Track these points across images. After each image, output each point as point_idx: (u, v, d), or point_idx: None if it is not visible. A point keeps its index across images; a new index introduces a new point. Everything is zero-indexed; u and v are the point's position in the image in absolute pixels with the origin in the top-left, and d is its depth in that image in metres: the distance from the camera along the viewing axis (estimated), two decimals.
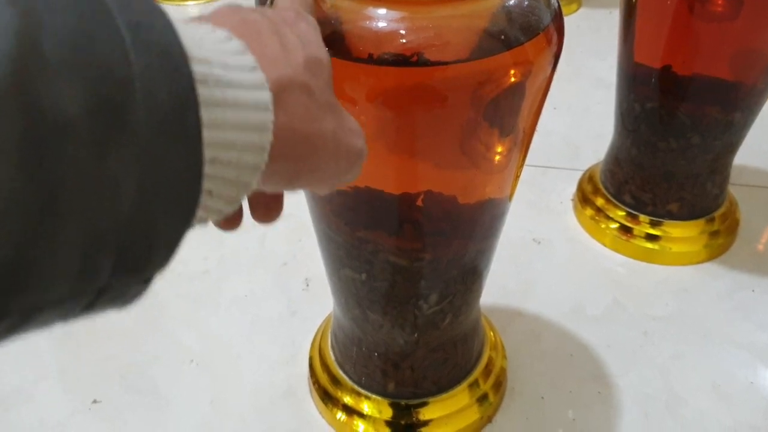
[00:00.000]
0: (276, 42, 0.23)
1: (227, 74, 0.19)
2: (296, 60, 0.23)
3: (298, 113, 0.22)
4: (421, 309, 0.39)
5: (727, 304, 0.54)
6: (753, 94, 0.51)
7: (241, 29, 0.22)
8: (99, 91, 0.15)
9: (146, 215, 0.17)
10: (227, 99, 0.19)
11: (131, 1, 0.17)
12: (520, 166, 0.37)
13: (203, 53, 0.19)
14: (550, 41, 0.31)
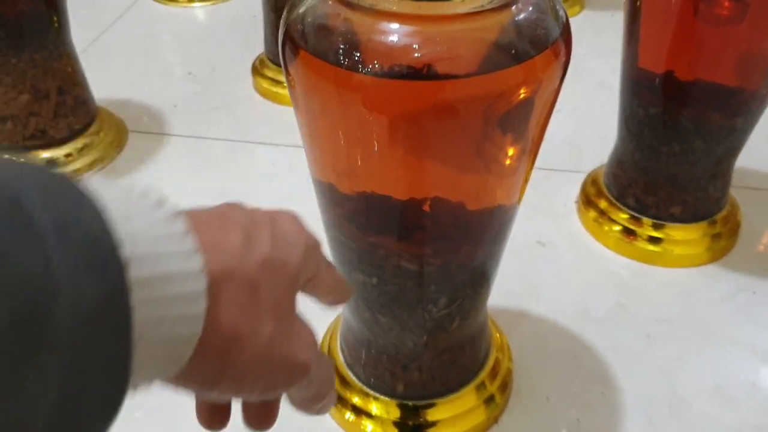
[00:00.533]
0: (238, 235, 0.22)
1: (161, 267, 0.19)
2: (254, 257, 0.22)
3: (231, 310, 0.21)
4: (431, 312, 0.40)
5: (729, 306, 0.55)
6: (755, 99, 0.52)
7: (211, 218, 0.22)
8: (14, 307, 0.15)
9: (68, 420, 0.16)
10: (157, 295, 0.19)
11: (57, 197, 0.17)
12: (528, 173, 0.37)
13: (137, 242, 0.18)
14: (558, 54, 0.32)
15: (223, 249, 0.22)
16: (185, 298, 0.20)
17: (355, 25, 0.31)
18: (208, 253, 0.21)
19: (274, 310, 0.23)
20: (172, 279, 0.19)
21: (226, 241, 0.22)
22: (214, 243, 0.21)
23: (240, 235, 0.23)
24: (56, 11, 0.65)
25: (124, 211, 0.18)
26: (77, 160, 0.70)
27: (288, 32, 0.32)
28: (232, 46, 0.91)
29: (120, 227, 0.18)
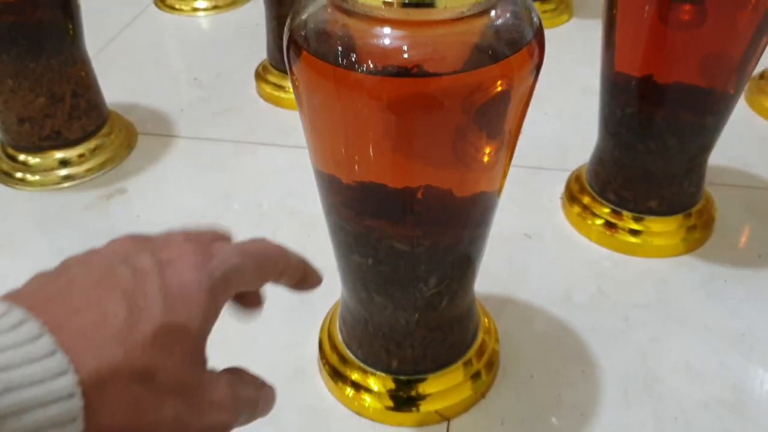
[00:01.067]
0: (121, 312, 0.20)
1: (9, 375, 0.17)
2: (140, 335, 0.19)
3: (122, 410, 0.19)
4: (422, 291, 0.44)
5: (701, 293, 0.59)
6: (723, 99, 0.56)
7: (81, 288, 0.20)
8: None
9: None
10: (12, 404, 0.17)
11: None
12: (507, 164, 0.41)
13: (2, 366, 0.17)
14: (532, 54, 0.36)
15: (101, 338, 0.19)
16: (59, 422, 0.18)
17: (352, 29, 0.35)
18: (82, 352, 0.18)
19: (177, 389, 0.20)
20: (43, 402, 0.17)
21: (103, 325, 0.19)
22: (90, 333, 0.19)
23: (121, 308, 0.20)
24: (72, 20, 0.69)
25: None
26: (89, 160, 0.74)
27: (292, 36, 0.36)
28: (236, 53, 0.95)
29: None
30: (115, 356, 0.19)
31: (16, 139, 0.72)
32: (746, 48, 0.52)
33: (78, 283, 0.20)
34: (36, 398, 0.17)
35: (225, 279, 0.23)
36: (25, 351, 0.18)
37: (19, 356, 0.18)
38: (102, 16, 1.03)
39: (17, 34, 0.64)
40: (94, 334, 0.19)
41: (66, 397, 0.18)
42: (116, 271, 0.21)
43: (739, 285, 0.60)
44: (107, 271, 0.21)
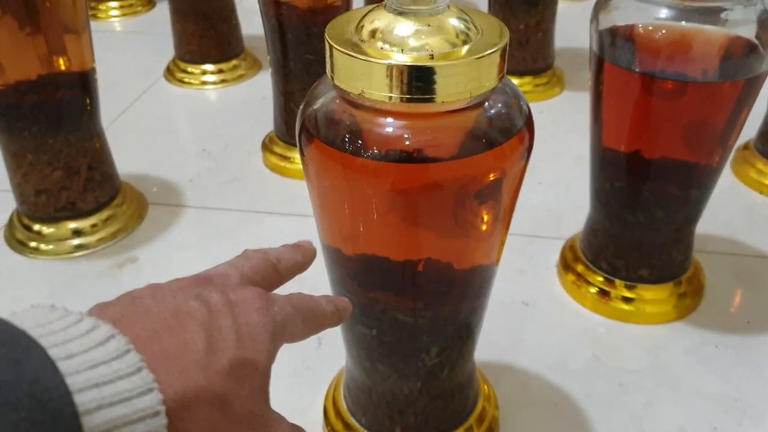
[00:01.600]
0: (201, 341, 0.21)
1: (101, 391, 0.18)
2: (219, 364, 0.20)
3: (206, 430, 0.20)
4: (424, 361, 0.46)
5: (693, 359, 0.61)
6: (707, 172, 0.59)
7: (161, 323, 0.20)
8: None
9: None
10: (104, 420, 0.17)
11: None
12: (504, 236, 0.44)
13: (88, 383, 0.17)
14: (522, 140, 0.39)
15: (184, 362, 0.20)
16: (139, 419, 0.18)
17: (358, 119, 0.38)
18: (166, 374, 0.19)
19: (248, 420, 0.22)
20: (131, 420, 0.18)
21: (188, 350, 0.20)
22: (173, 356, 0.20)
23: (202, 338, 0.21)
24: (90, 96, 0.73)
25: (71, 353, 0.18)
26: (102, 230, 0.77)
27: (304, 124, 0.39)
28: (243, 125, 0.99)
29: (68, 375, 0.17)
30: (197, 381, 0.20)
31: (32, 210, 0.75)
32: (726, 123, 0.56)
33: (155, 311, 0.21)
34: (125, 416, 0.18)
35: (283, 325, 0.25)
36: (114, 367, 0.18)
37: (109, 372, 0.18)
38: (113, 89, 1.07)
39: (39, 112, 0.68)
40: (176, 358, 0.20)
41: (151, 415, 0.18)
42: (190, 304, 0.22)
43: (730, 350, 0.62)
44: (182, 303, 0.22)
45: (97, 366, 0.18)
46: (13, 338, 0.17)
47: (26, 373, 0.16)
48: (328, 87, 0.39)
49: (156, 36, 1.27)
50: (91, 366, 0.18)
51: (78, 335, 0.19)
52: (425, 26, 0.35)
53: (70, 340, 0.18)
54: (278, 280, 0.28)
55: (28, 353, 0.17)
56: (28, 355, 0.17)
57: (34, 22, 0.63)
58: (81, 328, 0.19)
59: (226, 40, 1.10)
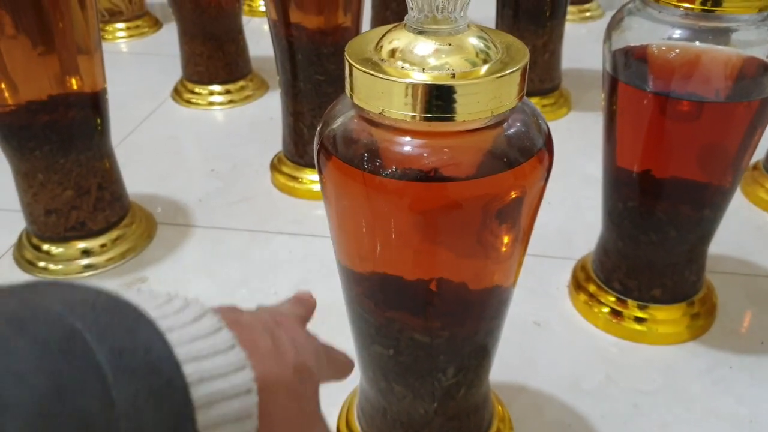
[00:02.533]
0: (268, 340, 0.22)
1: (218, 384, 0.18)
2: (287, 361, 0.21)
3: (283, 419, 0.21)
4: (440, 381, 0.46)
5: (707, 380, 0.61)
6: (720, 192, 0.59)
7: (232, 320, 0.21)
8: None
9: None
10: (218, 414, 0.18)
11: (111, 324, 0.17)
12: (521, 257, 0.44)
13: (191, 357, 0.18)
14: (542, 160, 0.39)
15: (261, 353, 0.21)
16: (239, 415, 0.19)
17: (377, 138, 0.38)
18: (250, 356, 0.20)
19: (315, 417, 0.23)
20: (227, 395, 0.19)
21: (260, 345, 0.21)
22: (251, 345, 0.21)
23: (268, 338, 0.22)
24: (101, 116, 0.73)
25: (171, 327, 0.18)
26: (111, 249, 0.77)
27: (323, 143, 0.39)
28: (251, 145, 0.99)
29: (176, 348, 0.17)
30: (274, 370, 0.20)
31: (42, 230, 0.74)
32: (740, 144, 0.56)
33: (233, 322, 0.21)
34: (221, 392, 0.18)
35: (320, 354, 0.26)
36: (211, 342, 0.19)
37: (207, 347, 0.19)
38: (121, 110, 1.08)
39: (50, 131, 0.68)
40: (255, 347, 0.20)
41: (245, 392, 0.19)
42: (245, 317, 0.22)
43: (744, 371, 0.62)
44: (237, 316, 0.22)
45: (195, 340, 0.18)
46: (124, 309, 0.17)
47: (141, 342, 0.17)
48: (347, 106, 0.39)
49: (163, 57, 1.28)
50: (190, 340, 0.18)
51: (173, 312, 0.19)
52: (445, 45, 0.35)
53: (167, 316, 0.19)
54: None
55: (138, 323, 0.17)
56: (139, 324, 0.17)
57: (47, 42, 0.64)
58: (174, 306, 0.20)
59: (234, 61, 1.11)
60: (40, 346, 0.15)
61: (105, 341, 0.16)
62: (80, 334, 0.16)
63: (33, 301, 0.16)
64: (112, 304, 0.18)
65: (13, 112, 0.66)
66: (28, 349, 0.15)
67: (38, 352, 0.15)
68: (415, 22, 0.36)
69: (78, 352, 0.15)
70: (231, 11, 1.07)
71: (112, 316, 0.17)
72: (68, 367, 0.15)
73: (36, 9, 0.62)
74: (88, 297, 0.17)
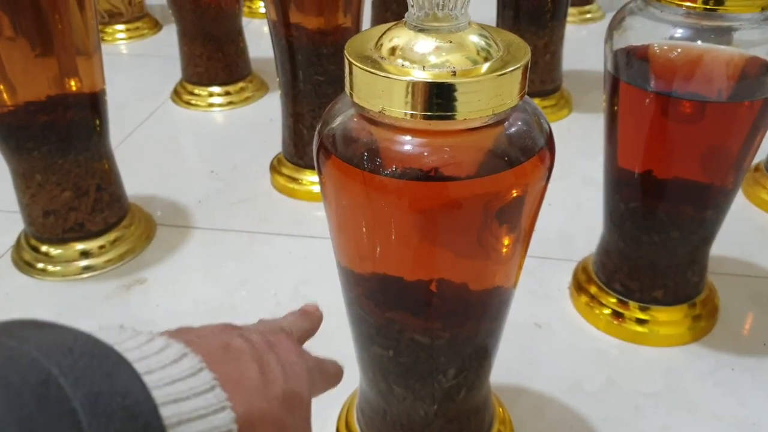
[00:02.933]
0: (255, 370, 0.22)
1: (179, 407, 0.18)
2: (274, 392, 0.22)
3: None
4: (440, 382, 0.45)
5: (709, 381, 0.60)
6: (722, 193, 0.59)
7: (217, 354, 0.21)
8: None
9: None
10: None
11: (89, 367, 0.16)
12: (522, 258, 0.44)
13: (169, 398, 0.18)
14: (543, 159, 0.38)
15: (246, 387, 0.21)
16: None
17: (377, 137, 0.37)
18: (233, 396, 0.20)
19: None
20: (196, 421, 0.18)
21: (245, 377, 0.21)
22: (235, 381, 0.21)
23: (255, 368, 0.22)
24: (100, 117, 0.72)
25: (150, 369, 0.18)
26: (110, 251, 0.76)
27: (322, 142, 0.39)
28: (251, 147, 0.99)
29: (154, 391, 0.17)
30: (260, 405, 0.21)
31: (40, 231, 0.74)
32: (742, 145, 0.56)
33: (207, 342, 0.22)
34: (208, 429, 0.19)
35: (312, 372, 0.26)
36: (191, 384, 0.19)
37: (186, 389, 0.19)
38: (120, 111, 1.07)
39: (49, 132, 0.68)
40: (237, 382, 0.20)
41: (228, 428, 0.19)
42: (236, 341, 0.23)
43: (746, 373, 0.61)
44: (228, 339, 0.23)
45: (174, 382, 0.18)
46: (103, 352, 0.17)
47: (118, 386, 0.16)
48: (347, 105, 0.39)
49: (163, 58, 1.28)
50: (170, 382, 0.18)
51: (153, 352, 0.19)
52: (446, 43, 0.35)
53: (147, 357, 0.19)
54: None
55: (117, 367, 0.17)
56: (118, 368, 0.17)
57: (46, 44, 0.64)
58: (154, 346, 0.19)
59: (234, 62, 1.10)
60: (13, 393, 0.15)
61: (81, 387, 0.16)
62: (55, 380, 0.16)
63: (7, 344, 0.16)
64: (90, 348, 0.17)
65: (11, 112, 0.66)
66: (2, 396, 0.15)
67: (10, 399, 0.15)
68: (416, 20, 0.36)
69: (52, 399, 0.15)
70: (231, 12, 1.06)
71: (91, 360, 0.17)
72: (41, 414, 0.15)
73: (35, 11, 0.62)
74: (66, 340, 0.17)
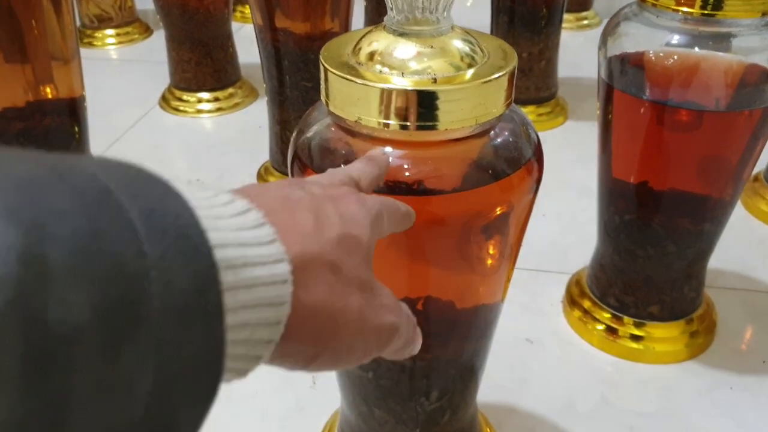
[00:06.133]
0: (310, 218, 0.23)
1: (244, 251, 0.19)
2: (328, 236, 0.23)
3: (320, 291, 0.22)
4: (423, 406, 0.43)
5: (707, 401, 0.58)
6: (720, 206, 0.57)
7: (275, 204, 0.22)
8: (109, 291, 0.15)
9: (165, 406, 0.16)
10: (245, 277, 0.19)
11: (143, 189, 0.17)
12: (510, 273, 0.41)
13: (220, 230, 0.19)
14: (531, 171, 0.36)
15: (299, 232, 0.22)
16: (271, 282, 0.20)
17: (355, 148, 0.35)
18: (285, 237, 0.21)
19: (358, 284, 0.24)
20: (257, 264, 0.19)
21: (299, 224, 0.22)
22: (288, 227, 0.22)
23: (310, 217, 0.23)
24: (78, 124, 0.70)
25: (198, 202, 0.19)
26: None
27: (297, 153, 0.37)
28: (238, 155, 0.97)
29: (202, 217, 0.18)
30: (313, 248, 0.22)
31: None
32: (741, 155, 0.54)
33: (265, 196, 0.23)
34: (262, 278, 0.19)
35: (378, 217, 0.27)
36: (255, 234, 0.20)
37: (251, 237, 0.20)
38: (107, 117, 1.05)
39: (25, 140, 0.65)
40: (294, 231, 0.22)
41: (281, 282, 0.20)
42: (296, 193, 0.24)
43: (745, 392, 0.59)
44: (288, 192, 0.24)
45: (242, 230, 0.20)
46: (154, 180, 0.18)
47: (170, 209, 0.17)
48: (323, 113, 0.37)
49: (153, 64, 1.26)
50: (237, 229, 0.19)
51: (220, 204, 0.20)
52: (428, 48, 0.33)
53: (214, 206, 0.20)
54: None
55: (168, 193, 0.18)
56: (169, 195, 0.18)
57: (21, 51, 0.61)
58: (221, 200, 0.20)
59: (223, 68, 1.08)
60: (78, 193, 0.15)
61: (136, 203, 0.16)
62: (113, 194, 0.16)
63: (70, 159, 0.17)
64: (143, 175, 0.18)
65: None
66: (69, 194, 0.15)
67: (77, 197, 0.15)
68: (395, 24, 0.34)
69: (112, 206, 0.16)
70: (220, 17, 1.04)
71: (144, 184, 0.17)
72: (104, 216, 0.15)
73: (8, 15, 0.59)
74: (121, 166, 0.18)
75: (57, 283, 0.14)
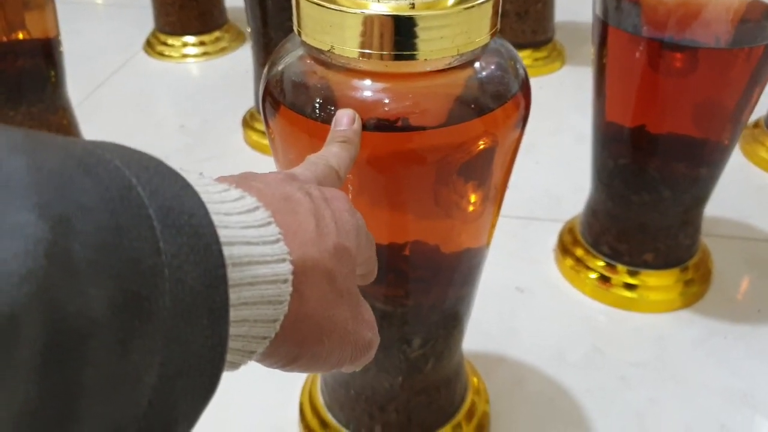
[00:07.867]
0: (311, 223, 0.23)
1: (250, 249, 0.20)
2: (327, 244, 0.23)
3: (314, 298, 0.22)
4: (405, 353, 0.42)
5: (700, 351, 0.57)
6: (717, 150, 0.55)
7: (279, 204, 0.23)
8: (125, 287, 0.15)
9: (167, 400, 0.17)
10: (248, 275, 0.20)
11: (162, 185, 0.18)
12: (495, 217, 0.39)
13: (229, 227, 0.19)
14: (518, 107, 0.34)
15: (302, 238, 0.22)
16: (272, 281, 0.20)
17: (330, 81, 0.33)
18: (289, 240, 0.21)
19: (347, 294, 0.24)
20: (260, 263, 0.20)
21: (302, 229, 0.23)
22: (293, 231, 0.22)
23: (312, 221, 0.23)
24: (54, 67, 0.67)
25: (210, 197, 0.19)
26: None
27: (268, 88, 0.34)
28: (224, 100, 0.94)
29: (215, 218, 0.18)
30: (313, 254, 0.22)
31: None
32: (740, 97, 0.51)
33: (268, 193, 0.23)
34: (264, 276, 0.20)
35: (361, 230, 0.27)
36: (260, 233, 0.20)
37: (256, 235, 0.20)
38: (90, 61, 1.02)
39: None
40: (294, 233, 0.22)
41: (282, 281, 0.21)
42: (297, 194, 0.24)
43: (740, 341, 0.58)
44: (290, 191, 0.24)
45: (248, 228, 0.20)
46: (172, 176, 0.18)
47: (186, 206, 0.18)
48: (296, 44, 0.35)
49: (139, 9, 1.22)
50: (245, 227, 0.20)
51: (231, 199, 0.20)
52: None
53: (225, 202, 0.20)
54: (339, 183, 0.30)
55: (185, 191, 0.18)
56: (186, 192, 0.18)
57: None
58: (232, 195, 0.21)
59: (208, 11, 1.05)
60: (103, 188, 0.16)
61: (156, 199, 0.17)
62: (135, 188, 0.17)
63: (96, 151, 0.17)
64: (163, 170, 0.18)
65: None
66: (94, 189, 0.16)
67: (102, 192, 0.16)
68: None
69: (134, 202, 0.16)
70: None
71: (163, 180, 0.18)
72: (126, 212, 0.16)
73: None
74: (142, 159, 0.18)
75: (79, 277, 0.14)
